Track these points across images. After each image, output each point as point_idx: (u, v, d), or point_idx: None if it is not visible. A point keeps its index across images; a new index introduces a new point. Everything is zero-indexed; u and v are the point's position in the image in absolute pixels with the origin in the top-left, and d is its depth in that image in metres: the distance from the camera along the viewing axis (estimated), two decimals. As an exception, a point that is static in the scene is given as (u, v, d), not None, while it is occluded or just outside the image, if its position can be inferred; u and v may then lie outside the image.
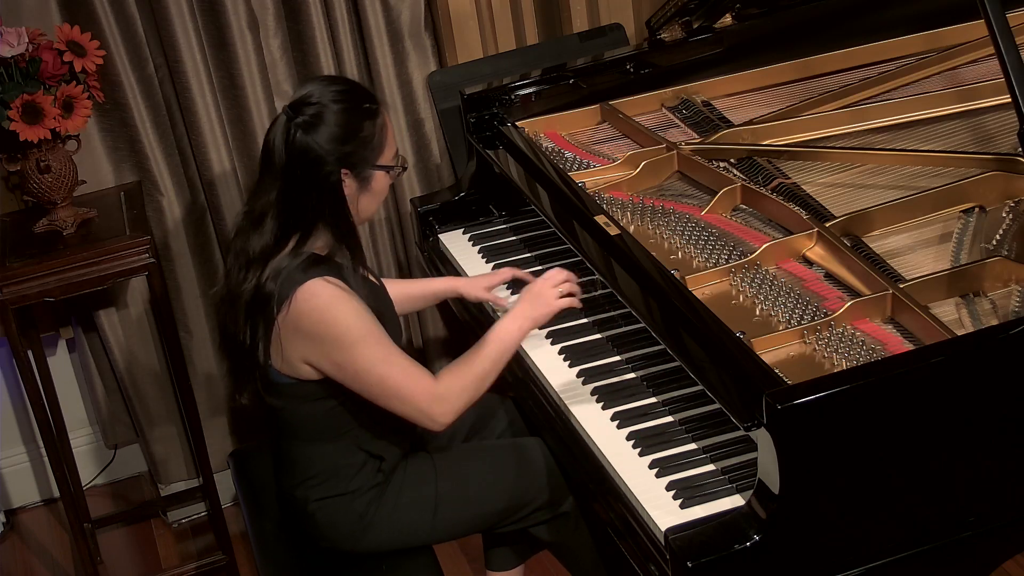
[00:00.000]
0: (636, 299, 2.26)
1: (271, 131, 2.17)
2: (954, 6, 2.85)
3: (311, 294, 2.12)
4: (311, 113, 2.14)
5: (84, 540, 3.07)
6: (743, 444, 2.01)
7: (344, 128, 2.14)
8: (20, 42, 2.66)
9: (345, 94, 2.18)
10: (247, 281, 2.18)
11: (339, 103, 2.15)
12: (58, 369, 3.37)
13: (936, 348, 1.93)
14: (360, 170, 2.18)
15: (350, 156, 2.16)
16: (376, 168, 2.20)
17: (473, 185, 3.00)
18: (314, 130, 2.13)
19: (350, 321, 2.13)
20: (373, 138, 2.18)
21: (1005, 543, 2.02)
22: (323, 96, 2.15)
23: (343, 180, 2.17)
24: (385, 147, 2.21)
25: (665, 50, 3.02)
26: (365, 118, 2.17)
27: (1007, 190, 2.36)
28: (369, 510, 2.30)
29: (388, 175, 2.24)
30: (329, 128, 2.14)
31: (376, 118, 2.19)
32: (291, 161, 2.14)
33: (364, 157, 2.18)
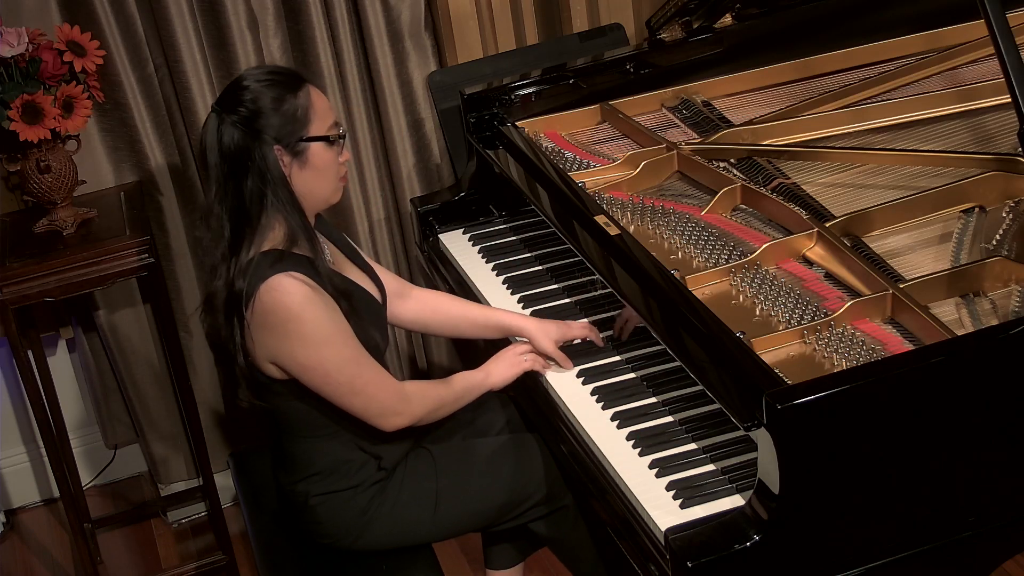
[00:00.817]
0: (636, 299, 2.26)
1: (202, 131, 2.17)
2: (954, 6, 2.85)
3: (276, 289, 2.10)
4: (240, 100, 2.13)
5: (84, 540, 3.07)
6: (743, 444, 2.01)
7: (267, 105, 2.13)
8: (20, 42, 2.66)
9: (268, 74, 2.18)
10: (217, 280, 2.19)
11: (258, 81, 2.15)
12: (58, 369, 3.38)
13: (936, 348, 1.93)
14: (290, 144, 2.15)
15: (277, 129, 2.13)
16: (309, 140, 2.17)
17: (473, 185, 3.00)
18: (243, 116, 2.12)
19: (318, 320, 2.12)
20: (298, 110, 2.15)
21: (1005, 543, 2.02)
22: (248, 81, 2.16)
23: (280, 159, 2.15)
24: (314, 118, 2.17)
25: (665, 50, 3.02)
26: (285, 91, 2.15)
27: (1007, 190, 2.36)
28: (371, 506, 2.30)
29: (326, 147, 2.19)
30: (253, 109, 2.12)
31: (298, 91, 2.17)
32: (225, 154, 2.13)
33: (292, 130, 2.15)
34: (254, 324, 2.13)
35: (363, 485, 2.30)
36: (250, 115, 2.12)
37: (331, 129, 2.21)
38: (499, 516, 2.41)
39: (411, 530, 2.34)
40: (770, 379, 1.92)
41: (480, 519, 2.41)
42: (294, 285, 2.10)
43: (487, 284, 2.73)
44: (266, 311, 2.11)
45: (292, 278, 2.11)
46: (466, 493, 2.36)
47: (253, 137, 2.12)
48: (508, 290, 2.69)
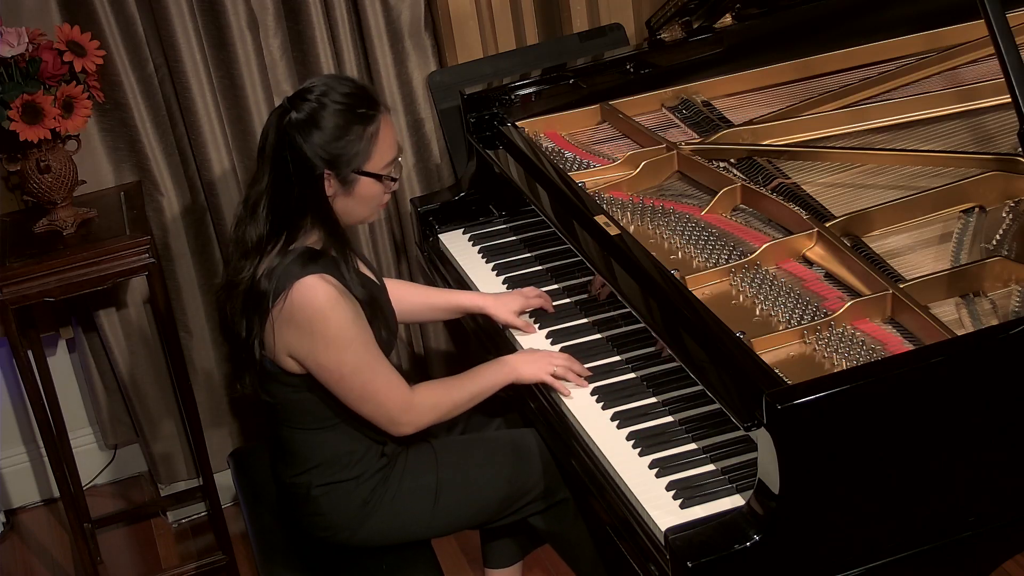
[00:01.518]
0: (636, 299, 2.26)
1: (268, 121, 2.21)
2: (954, 6, 2.85)
3: (308, 289, 2.14)
4: (306, 109, 2.16)
5: (84, 540, 3.07)
6: (743, 444, 2.01)
7: (332, 130, 2.15)
8: (20, 42, 2.66)
9: (345, 96, 2.18)
10: (244, 270, 2.21)
11: (336, 104, 2.16)
12: (58, 369, 3.37)
13: (936, 348, 1.93)
14: (342, 173, 2.18)
15: (334, 158, 2.16)
16: (360, 174, 2.20)
17: (473, 185, 3.00)
18: (304, 126, 2.15)
19: (343, 323, 2.15)
20: (360, 143, 2.17)
21: (1005, 543, 2.02)
22: (325, 95, 2.17)
23: (326, 180, 2.17)
24: (373, 154, 2.20)
25: (665, 50, 3.02)
26: (356, 123, 2.17)
27: (1007, 190, 2.36)
28: (372, 497, 2.31)
29: (376, 183, 2.23)
30: (319, 128, 2.15)
31: (369, 124, 2.18)
32: (280, 154, 2.16)
33: (347, 161, 2.17)
34: (280, 319, 2.15)
35: (365, 475, 2.31)
36: (313, 131, 2.15)
37: (387, 167, 2.23)
38: (499, 510, 2.41)
39: (410, 524, 2.35)
40: (770, 379, 1.92)
41: (480, 513, 2.41)
42: (325, 287, 2.14)
43: (487, 284, 2.73)
44: (295, 308, 2.14)
45: (324, 280, 2.15)
46: (466, 486, 2.37)
47: (308, 152, 2.15)
48: (506, 288, 2.69)
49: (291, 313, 2.14)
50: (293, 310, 2.14)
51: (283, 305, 2.14)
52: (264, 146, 2.20)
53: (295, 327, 2.15)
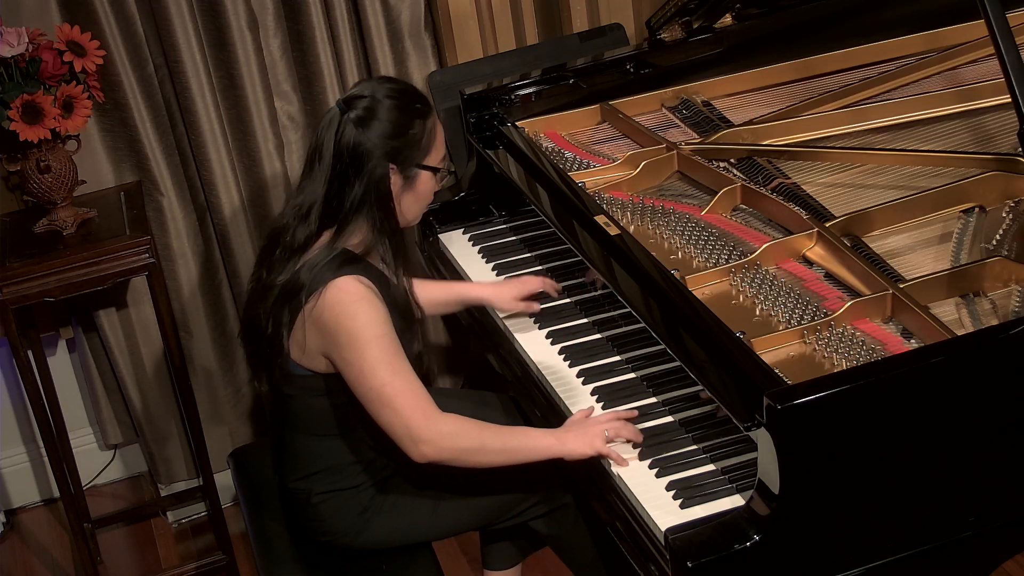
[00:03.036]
0: (636, 299, 2.26)
1: (322, 125, 2.21)
2: (954, 6, 2.85)
3: (340, 289, 2.15)
4: (364, 107, 2.18)
5: (84, 540, 3.07)
6: (743, 444, 2.01)
7: (394, 124, 2.18)
8: (20, 42, 2.66)
9: (399, 92, 2.22)
10: (284, 272, 2.22)
11: (392, 99, 2.19)
12: (58, 369, 3.37)
13: (936, 348, 1.93)
14: (406, 167, 2.21)
15: (398, 152, 2.19)
16: (421, 168, 2.23)
17: (473, 185, 3.00)
18: (365, 124, 2.17)
19: (369, 319, 2.14)
20: (422, 138, 2.21)
21: (1005, 543, 2.02)
22: (377, 92, 2.20)
23: (390, 176, 2.19)
24: (432, 149, 2.24)
25: (665, 50, 3.02)
26: (415, 117, 2.21)
27: (1007, 190, 2.36)
28: (372, 504, 2.31)
29: (433, 178, 2.26)
30: (380, 123, 2.17)
31: (426, 119, 2.23)
32: (340, 154, 2.18)
33: (411, 155, 2.21)
34: (311, 316, 2.16)
35: (365, 484, 2.30)
36: (374, 125, 2.17)
37: (442, 161, 2.27)
38: (499, 514, 2.41)
39: (411, 528, 2.34)
40: (770, 379, 1.92)
41: (480, 517, 2.41)
42: (356, 286, 2.15)
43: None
44: (325, 306, 2.15)
45: (357, 280, 2.16)
46: (466, 490, 2.36)
47: (372, 150, 2.16)
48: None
49: (321, 312, 2.15)
50: (324, 308, 2.15)
51: (316, 303, 2.15)
52: (319, 150, 2.20)
53: (323, 325, 2.16)
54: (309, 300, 2.16)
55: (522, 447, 2.17)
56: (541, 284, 2.54)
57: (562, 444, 2.15)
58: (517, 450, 2.17)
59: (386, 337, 2.15)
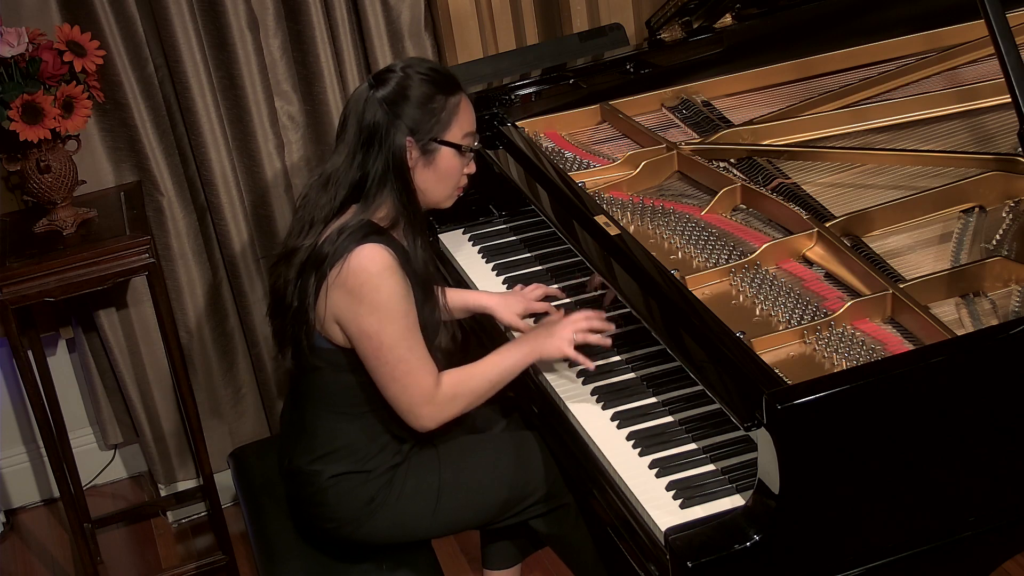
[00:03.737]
0: (636, 299, 2.26)
1: (350, 99, 2.25)
2: (954, 6, 2.85)
3: (366, 256, 2.17)
4: (392, 81, 2.22)
5: (84, 540, 3.07)
6: (743, 444, 2.01)
7: (416, 97, 2.21)
8: (20, 42, 2.66)
9: (430, 70, 2.25)
10: (307, 239, 2.24)
11: (421, 75, 2.23)
12: (58, 369, 3.38)
13: (936, 348, 1.93)
14: (423, 139, 2.23)
15: (416, 124, 2.21)
16: (440, 143, 2.24)
17: (473, 185, 2.99)
18: (392, 97, 2.21)
19: (393, 293, 2.17)
20: (442, 112, 2.23)
21: (1005, 543, 2.02)
22: (406, 68, 2.24)
23: (408, 150, 2.21)
24: (453, 124, 2.25)
25: (665, 50, 3.02)
26: (439, 91, 2.23)
27: (1007, 190, 2.36)
28: (379, 495, 2.31)
29: (456, 156, 2.27)
30: (405, 96, 2.21)
31: (450, 95, 2.24)
32: (363, 128, 2.21)
33: (429, 128, 2.22)
34: (335, 283, 2.18)
35: (376, 471, 2.31)
36: (396, 98, 2.21)
37: (466, 139, 2.28)
38: (500, 512, 2.41)
39: (412, 523, 2.35)
40: (770, 379, 1.92)
41: (480, 515, 2.41)
42: (383, 254, 2.18)
43: (487, 284, 2.73)
44: (349, 272, 2.17)
45: (383, 249, 2.18)
46: (467, 488, 2.37)
47: (391, 119, 2.20)
48: (507, 288, 2.69)
49: (345, 278, 2.17)
50: (347, 275, 2.17)
51: (339, 270, 2.17)
52: (345, 122, 2.24)
53: (346, 292, 2.18)
54: (334, 267, 2.18)
55: (505, 371, 2.31)
56: (544, 306, 2.54)
57: (534, 351, 2.31)
58: (502, 378, 2.31)
59: (409, 314, 2.19)
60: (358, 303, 2.17)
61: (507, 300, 2.56)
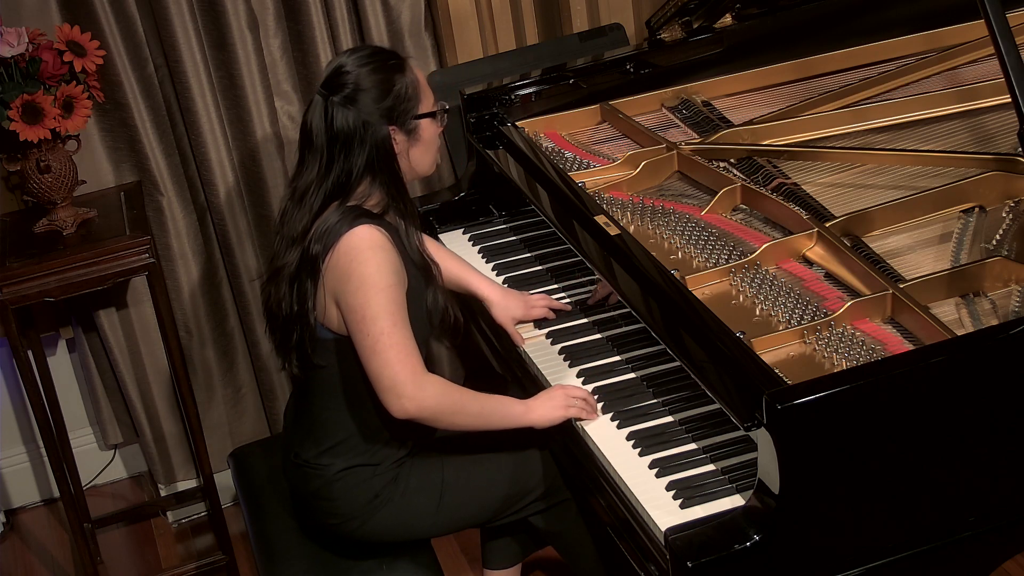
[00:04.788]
0: (636, 299, 2.26)
1: (309, 114, 2.25)
2: (954, 6, 2.85)
3: (356, 235, 2.18)
4: (345, 84, 2.22)
5: (84, 540, 3.07)
6: (743, 444, 2.01)
7: (379, 88, 2.22)
8: (20, 42, 2.66)
9: (370, 57, 2.26)
10: (290, 256, 2.25)
11: (367, 66, 2.23)
12: (58, 369, 3.38)
13: (936, 348, 1.93)
14: (405, 122, 2.25)
15: (392, 111, 2.23)
16: (420, 117, 2.27)
17: (473, 185, 3.00)
18: (352, 100, 2.21)
19: (380, 267, 2.17)
20: (407, 89, 2.25)
21: (1005, 543, 2.02)
22: (350, 66, 2.24)
23: (392, 137, 2.23)
24: (422, 96, 2.28)
25: (665, 50, 3.02)
26: (395, 72, 2.25)
27: (1007, 190, 2.36)
28: (383, 491, 2.31)
29: (433, 122, 2.30)
30: (366, 92, 2.21)
31: (405, 72, 2.26)
32: (335, 135, 2.21)
33: (406, 109, 2.25)
34: (328, 267, 2.20)
35: (383, 465, 2.31)
36: (360, 96, 2.21)
37: (435, 104, 2.32)
38: (501, 509, 2.42)
39: (415, 521, 2.35)
40: (770, 379, 1.92)
41: (482, 512, 2.42)
42: (372, 232, 2.19)
43: (487, 284, 2.73)
44: (340, 253, 2.19)
45: (373, 228, 2.20)
46: (469, 485, 2.37)
47: (368, 119, 2.21)
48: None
49: (337, 259, 2.19)
50: (339, 256, 2.18)
51: (333, 254, 2.19)
52: (310, 137, 2.24)
53: (339, 271, 2.19)
54: (327, 256, 2.19)
55: (495, 412, 2.28)
56: (542, 313, 2.55)
57: (529, 413, 2.28)
58: (491, 414, 2.27)
59: (394, 288, 2.19)
60: (347, 279, 2.18)
61: (507, 300, 2.56)
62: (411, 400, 2.17)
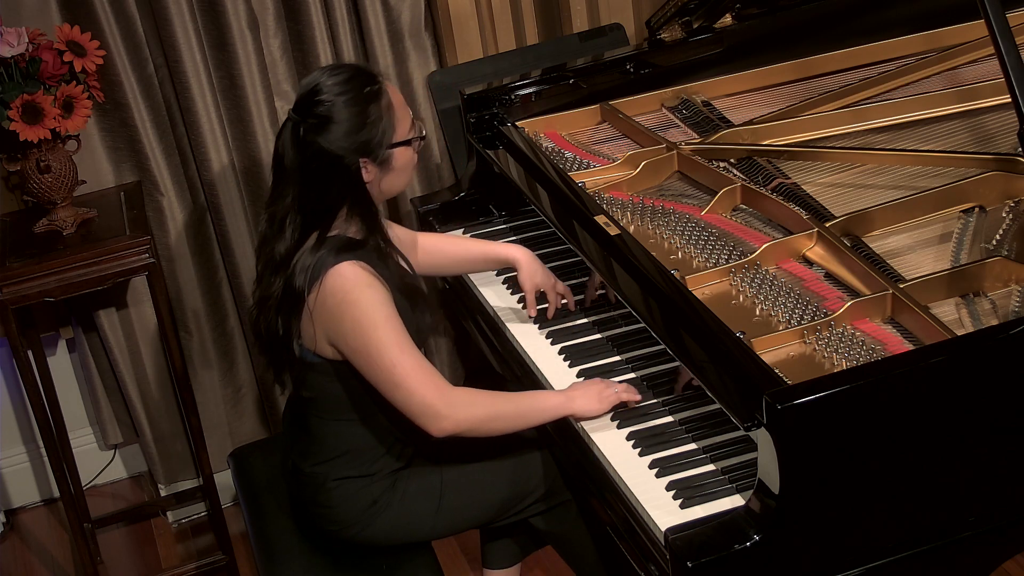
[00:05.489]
0: (636, 299, 2.26)
1: (280, 137, 2.20)
2: (954, 6, 2.85)
3: (339, 275, 2.15)
4: (318, 113, 2.16)
5: (84, 540, 3.07)
6: (743, 444, 2.01)
7: (352, 120, 2.17)
8: (20, 42, 2.66)
9: (347, 83, 2.18)
10: (275, 284, 2.22)
11: (343, 95, 2.17)
12: (58, 369, 3.37)
13: (936, 348, 1.93)
14: (377, 155, 2.20)
15: (366, 145, 2.18)
16: (393, 147, 2.22)
17: (473, 185, 3.00)
18: (324, 129, 2.16)
19: (370, 304, 2.15)
20: (382, 120, 2.19)
21: (1005, 543, 2.02)
22: (326, 91, 2.17)
23: (363, 168, 2.19)
24: (397, 124, 2.22)
25: (665, 50, 3.02)
26: (370, 102, 2.19)
27: (1007, 190, 2.36)
28: (382, 498, 2.31)
29: (408, 148, 2.26)
30: (339, 124, 2.16)
31: (381, 99, 2.20)
32: (306, 163, 2.17)
33: (379, 142, 2.20)
34: (316, 306, 2.17)
35: (379, 474, 2.31)
36: (330, 128, 2.15)
37: (411, 130, 2.26)
38: (501, 511, 2.42)
39: (415, 524, 2.35)
40: (770, 379, 1.92)
41: (482, 514, 2.41)
42: (355, 270, 2.16)
43: (487, 284, 2.73)
44: (327, 294, 2.16)
45: (356, 265, 2.17)
46: (469, 487, 2.37)
47: (339, 152, 2.16)
48: (508, 290, 2.69)
49: (324, 299, 2.16)
50: (326, 296, 2.16)
51: (317, 293, 2.16)
52: (282, 162, 2.20)
53: (328, 312, 2.17)
54: (311, 292, 2.17)
55: (533, 408, 2.24)
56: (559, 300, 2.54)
57: (570, 402, 2.24)
58: (529, 412, 2.24)
59: (391, 319, 2.17)
60: (340, 322, 2.16)
61: (534, 265, 2.53)
62: (447, 419, 2.16)
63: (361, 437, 2.30)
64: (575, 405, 2.24)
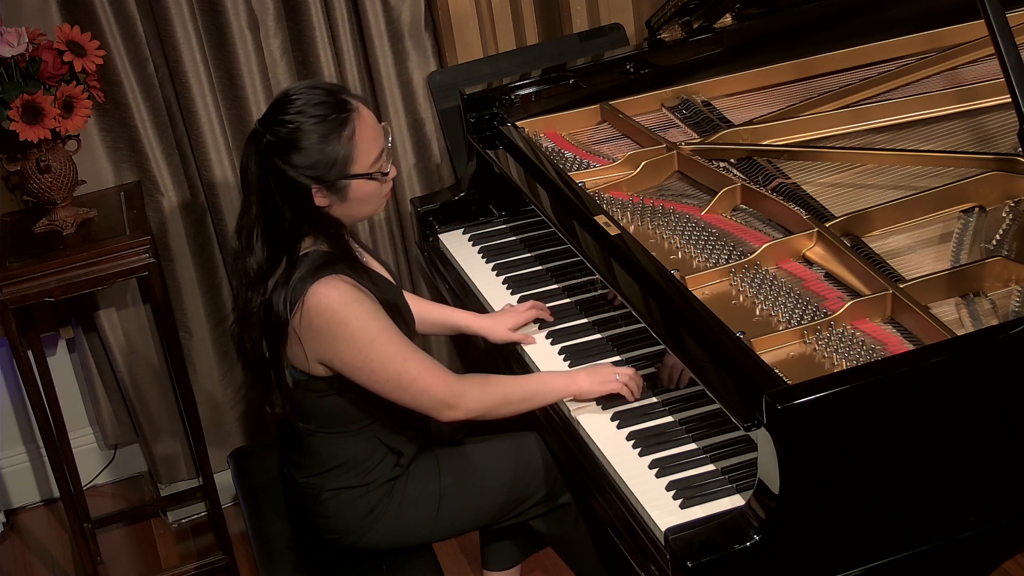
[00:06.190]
0: (636, 299, 2.26)
1: (246, 147, 2.18)
2: (954, 6, 2.85)
3: (322, 294, 2.13)
4: (279, 131, 2.12)
5: (84, 540, 3.07)
6: (743, 444, 2.01)
7: (312, 145, 2.12)
8: (20, 42, 2.66)
9: (316, 106, 2.13)
10: (254, 300, 2.20)
11: (309, 117, 2.12)
12: (58, 369, 3.37)
13: (936, 348, 1.93)
14: (330, 183, 2.15)
15: (318, 172, 2.13)
16: (349, 178, 2.16)
17: (473, 185, 3.00)
18: (282, 148, 2.12)
19: (361, 320, 2.14)
20: (340, 149, 2.13)
21: (1005, 543, 2.03)
22: (294, 110, 2.13)
23: (315, 194, 2.15)
24: (357, 156, 2.15)
25: (665, 50, 3.02)
26: (333, 130, 2.13)
27: (1007, 190, 2.36)
28: (379, 505, 2.31)
29: (369, 181, 2.19)
30: (296, 146, 2.12)
31: (344, 128, 2.13)
32: (263, 178, 2.15)
33: (332, 171, 2.14)
34: (301, 328, 2.15)
35: (375, 483, 2.31)
36: (290, 149, 2.12)
37: (375, 163, 2.19)
38: (500, 514, 2.42)
39: (414, 529, 2.35)
40: (770, 379, 1.92)
41: (481, 517, 2.41)
42: (338, 286, 2.14)
43: (487, 284, 2.73)
44: (311, 315, 2.13)
45: (337, 280, 2.14)
46: (468, 491, 2.37)
47: (292, 174, 2.13)
48: (508, 290, 2.69)
49: (309, 321, 2.14)
50: (311, 317, 2.13)
51: (301, 315, 2.14)
52: (246, 175, 2.18)
53: (315, 333, 2.15)
54: (293, 315, 2.14)
55: (539, 392, 2.29)
56: (535, 313, 2.54)
57: (574, 383, 2.28)
58: (536, 394, 2.29)
59: (386, 330, 2.16)
60: (331, 342, 2.14)
61: (496, 318, 2.55)
62: (457, 409, 2.21)
63: (355, 448, 2.29)
64: (577, 387, 2.28)
